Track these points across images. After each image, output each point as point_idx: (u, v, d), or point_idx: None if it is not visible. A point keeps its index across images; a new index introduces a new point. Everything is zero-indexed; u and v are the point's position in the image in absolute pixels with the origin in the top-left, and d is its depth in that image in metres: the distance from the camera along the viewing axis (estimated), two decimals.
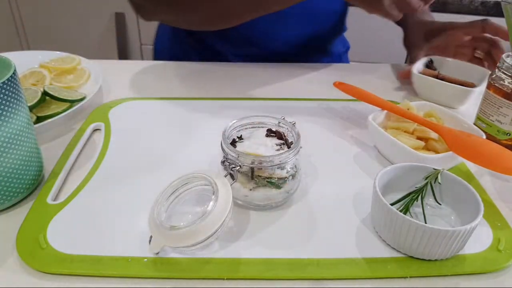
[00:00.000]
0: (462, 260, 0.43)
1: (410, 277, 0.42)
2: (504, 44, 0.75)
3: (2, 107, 0.43)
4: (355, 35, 1.52)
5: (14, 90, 0.44)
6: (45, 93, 0.66)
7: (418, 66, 0.78)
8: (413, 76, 0.75)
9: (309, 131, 0.64)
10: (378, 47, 1.54)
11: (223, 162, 0.48)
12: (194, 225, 0.40)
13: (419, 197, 0.47)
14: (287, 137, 0.51)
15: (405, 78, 0.80)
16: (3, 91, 0.43)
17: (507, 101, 0.59)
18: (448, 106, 0.72)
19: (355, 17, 1.48)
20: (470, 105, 0.73)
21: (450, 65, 0.78)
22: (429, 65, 0.80)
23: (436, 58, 0.80)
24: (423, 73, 0.76)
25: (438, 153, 0.55)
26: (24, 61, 0.76)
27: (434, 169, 0.48)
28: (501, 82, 0.59)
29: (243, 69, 0.89)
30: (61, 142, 0.61)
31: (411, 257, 0.43)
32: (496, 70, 0.61)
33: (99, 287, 0.40)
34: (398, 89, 0.81)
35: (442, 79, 0.74)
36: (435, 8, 1.42)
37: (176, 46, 1.00)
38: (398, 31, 1.47)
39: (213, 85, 0.80)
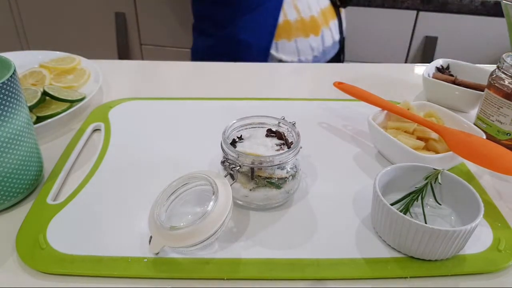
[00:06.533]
0: (462, 260, 0.43)
1: (410, 277, 0.42)
2: None
3: (2, 107, 0.43)
4: (355, 35, 1.53)
5: (14, 90, 0.44)
6: (45, 93, 0.66)
7: (430, 70, 0.77)
8: (425, 81, 0.74)
9: (309, 131, 0.64)
10: (378, 47, 1.54)
11: (223, 162, 0.48)
12: (194, 225, 0.40)
13: (419, 197, 0.47)
14: (287, 137, 0.51)
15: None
16: (3, 91, 0.43)
17: (507, 101, 0.59)
18: (460, 111, 0.72)
19: (356, 17, 1.49)
20: None
21: (465, 69, 0.77)
22: (441, 69, 0.79)
23: (453, 62, 0.78)
24: (435, 77, 0.75)
25: (438, 153, 0.55)
26: (24, 61, 0.76)
27: (434, 169, 0.48)
28: (501, 82, 0.59)
29: (243, 69, 0.89)
30: (61, 142, 0.61)
31: (411, 257, 0.43)
32: (496, 70, 0.61)
33: (99, 287, 0.40)
34: (398, 89, 0.81)
35: (459, 84, 0.73)
36: (435, 8, 1.42)
37: None
38: (398, 31, 1.47)
39: (213, 85, 0.81)
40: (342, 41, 1.17)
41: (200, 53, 1.15)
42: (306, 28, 1.04)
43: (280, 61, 1.05)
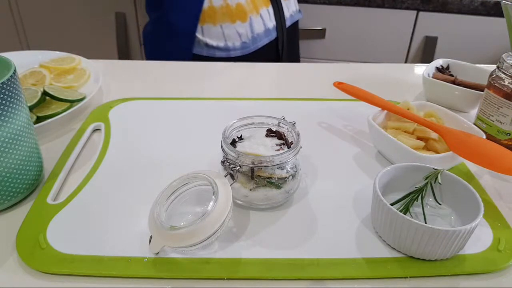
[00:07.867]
0: (462, 260, 0.43)
1: (410, 277, 0.42)
2: None
3: (2, 107, 0.43)
4: (355, 35, 1.53)
5: (14, 90, 0.45)
6: (45, 93, 0.66)
7: (430, 70, 0.76)
8: (425, 80, 0.74)
9: (309, 131, 0.64)
10: (378, 47, 1.54)
11: (223, 162, 0.48)
12: (194, 225, 0.40)
13: (419, 197, 0.47)
14: (287, 137, 0.51)
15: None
16: (3, 91, 0.43)
17: (507, 101, 0.59)
18: (460, 111, 0.72)
19: (356, 17, 1.49)
20: None
21: (465, 69, 0.77)
22: (441, 69, 0.79)
23: (453, 62, 0.78)
24: (435, 77, 0.75)
25: (438, 153, 0.55)
26: (24, 61, 0.76)
27: (434, 169, 0.48)
28: (501, 82, 0.59)
29: (243, 69, 0.89)
30: (61, 142, 0.61)
31: (411, 257, 0.43)
32: (496, 70, 0.61)
33: (99, 287, 0.40)
34: (398, 89, 0.81)
35: (459, 84, 0.72)
36: (435, 8, 1.42)
37: None
38: (398, 31, 1.47)
39: (213, 85, 0.81)
40: (282, 30, 1.14)
41: (146, 38, 1.16)
42: (232, 15, 1.04)
43: (206, 45, 1.05)
